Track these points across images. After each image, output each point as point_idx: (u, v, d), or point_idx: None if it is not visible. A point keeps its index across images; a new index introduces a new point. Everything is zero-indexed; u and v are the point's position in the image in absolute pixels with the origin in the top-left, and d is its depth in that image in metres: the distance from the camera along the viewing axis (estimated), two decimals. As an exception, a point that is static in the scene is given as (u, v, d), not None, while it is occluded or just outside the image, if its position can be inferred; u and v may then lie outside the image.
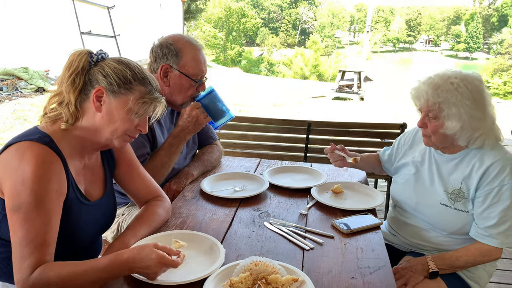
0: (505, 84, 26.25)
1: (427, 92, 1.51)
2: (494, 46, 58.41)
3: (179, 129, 1.80)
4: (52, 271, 1.04)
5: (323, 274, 1.21)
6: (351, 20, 79.08)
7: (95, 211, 1.30)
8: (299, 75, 37.06)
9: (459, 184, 1.57)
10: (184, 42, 1.77)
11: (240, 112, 9.99)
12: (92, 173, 1.33)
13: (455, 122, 1.48)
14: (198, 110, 1.77)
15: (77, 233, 1.25)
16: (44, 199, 1.09)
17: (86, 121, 1.22)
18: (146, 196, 1.48)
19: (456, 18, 71.63)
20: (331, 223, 1.53)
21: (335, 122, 3.05)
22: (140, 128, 1.27)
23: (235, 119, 3.17)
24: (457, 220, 1.57)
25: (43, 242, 1.07)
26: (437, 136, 1.55)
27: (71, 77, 1.18)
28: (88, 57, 1.20)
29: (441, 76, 1.52)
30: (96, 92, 1.19)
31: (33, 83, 8.39)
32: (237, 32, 47.93)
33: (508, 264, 2.92)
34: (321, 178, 1.93)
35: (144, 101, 1.22)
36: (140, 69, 1.25)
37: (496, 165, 1.49)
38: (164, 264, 1.08)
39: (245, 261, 1.18)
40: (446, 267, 1.55)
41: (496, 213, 1.48)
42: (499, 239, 1.49)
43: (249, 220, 1.55)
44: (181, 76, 1.76)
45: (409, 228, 1.74)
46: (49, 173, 1.11)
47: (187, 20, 22.06)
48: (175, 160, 1.82)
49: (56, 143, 1.17)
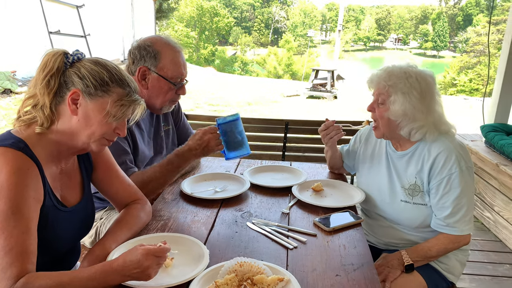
0: (470, 81, 27.14)
1: (381, 75, 1.60)
2: (460, 44, 60.37)
3: (186, 149, 1.67)
4: (37, 281, 1.00)
5: (307, 273, 1.22)
6: (323, 19, 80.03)
7: (73, 217, 1.26)
8: (273, 74, 37.23)
9: (413, 179, 1.63)
10: (162, 44, 1.73)
11: (215, 112, 9.94)
12: (68, 178, 1.28)
13: (398, 107, 1.56)
14: (212, 135, 1.63)
15: (55, 241, 1.21)
16: (21, 207, 1.04)
17: (61, 125, 1.17)
18: (125, 199, 1.45)
19: (423, 17, 73.59)
20: (313, 221, 1.54)
21: (312, 120, 3.09)
22: (119, 132, 1.23)
23: (212, 119, 3.16)
24: (418, 214, 1.63)
25: (23, 251, 1.02)
26: (383, 121, 1.62)
27: (46, 78, 1.13)
28: (63, 58, 1.15)
29: (398, 66, 1.62)
30: (72, 95, 1.14)
31: (-1, 85, 8.08)
32: (210, 31, 47.68)
33: (480, 256, 3.03)
34: (301, 176, 1.94)
35: (122, 103, 1.18)
36: (118, 70, 1.21)
37: (441, 155, 1.56)
38: (152, 253, 1.05)
39: (230, 263, 1.17)
40: (420, 258, 1.59)
41: (449, 202, 1.54)
42: (457, 227, 1.55)
43: (231, 220, 1.55)
44: (159, 79, 1.72)
45: (379, 229, 1.78)
46: (25, 180, 1.07)
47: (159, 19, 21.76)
48: (169, 180, 1.71)
49: (31, 148, 1.12)
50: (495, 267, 2.88)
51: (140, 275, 1.06)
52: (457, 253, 1.71)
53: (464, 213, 1.54)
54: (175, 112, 2.10)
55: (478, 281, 2.71)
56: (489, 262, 2.96)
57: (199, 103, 10.89)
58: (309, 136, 3.11)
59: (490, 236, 3.36)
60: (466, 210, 1.54)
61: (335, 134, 1.85)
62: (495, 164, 3.33)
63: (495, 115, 4.06)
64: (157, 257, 1.07)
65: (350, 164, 1.99)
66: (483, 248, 3.15)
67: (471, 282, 2.69)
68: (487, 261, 2.97)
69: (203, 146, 1.63)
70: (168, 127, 2.03)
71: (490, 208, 3.45)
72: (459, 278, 1.73)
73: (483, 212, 3.57)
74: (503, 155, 3.44)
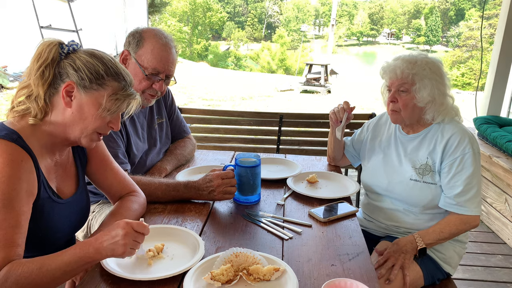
0: (463, 76, 27.29)
1: (402, 65, 1.62)
2: (452, 39, 60.62)
3: (195, 185, 1.57)
4: (20, 268, 0.99)
5: (303, 263, 1.22)
6: (316, 14, 79.93)
7: (68, 209, 1.25)
8: (266, 69, 37.16)
9: (425, 159, 1.66)
10: (151, 33, 1.70)
11: (209, 106, 9.91)
12: (63, 170, 1.27)
13: (426, 94, 1.60)
14: (222, 181, 1.53)
15: (50, 233, 1.20)
16: (13, 200, 1.03)
17: (55, 116, 1.16)
18: (120, 192, 1.44)
19: (416, 12, 73.80)
20: (308, 212, 1.54)
21: (306, 113, 3.08)
22: (112, 125, 1.21)
23: (206, 112, 3.15)
24: (427, 192, 1.65)
25: (10, 243, 1.01)
26: (408, 109, 1.65)
27: (40, 69, 1.11)
28: (58, 48, 1.13)
29: (411, 54, 1.66)
30: (66, 87, 1.12)
31: (-11, 80, 7.99)
32: (203, 26, 47.42)
33: (473, 247, 3.06)
34: (296, 168, 1.94)
35: (117, 97, 1.17)
36: (114, 63, 1.19)
37: (455, 136, 1.61)
38: (130, 226, 1.03)
39: (226, 253, 1.17)
40: (433, 241, 1.60)
41: (461, 181, 1.57)
42: (467, 206, 1.57)
43: (226, 212, 1.54)
44: (135, 65, 1.68)
45: (382, 211, 1.79)
46: (19, 172, 1.05)
47: (152, 14, 21.59)
48: (167, 200, 1.60)
49: (25, 140, 1.11)
50: (487, 258, 2.92)
51: (116, 248, 1.03)
52: (455, 244, 1.72)
53: (474, 193, 1.58)
54: (169, 105, 2.08)
55: (471, 272, 2.73)
56: (482, 253, 2.99)
57: (192, 98, 10.85)
58: (304, 129, 3.11)
59: (483, 227, 3.39)
60: (476, 191, 1.58)
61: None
62: (488, 156, 3.35)
63: (487, 108, 4.09)
64: (135, 231, 1.04)
65: (355, 152, 1.98)
66: (476, 239, 3.18)
67: (464, 272, 2.72)
68: (480, 252, 3.00)
69: (210, 189, 1.54)
70: (162, 120, 2.01)
71: (483, 200, 3.48)
72: (455, 270, 1.74)
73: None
74: (495, 147, 3.47)
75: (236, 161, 1.61)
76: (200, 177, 1.60)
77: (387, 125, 1.86)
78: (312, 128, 3.08)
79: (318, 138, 3.08)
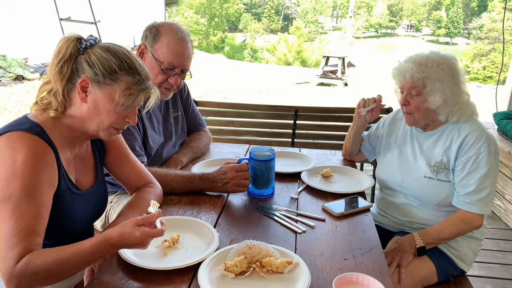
0: (484, 69, 26.67)
1: (412, 68, 1.58)
2: (474, 31, 59.16)
3: (210, 177, 1.60)
4: (39, 258, 1.02)
5: (316, 256, 1.23)
6: (334, 5, 78.87)
7: (87, 200, 1.29)
8: (283, 61, 36.96)
9: (440, 157, 1.65)
10: (167, 28, 1.72)
11: (225, 99, 9.94)
12: (82, 162, 1.31)
13: (437, 96, 1.57)
14: (237, 174, 1.56)
15: (70, 223, 1.24)
16: (34, 191, 1.06)
17: (73, 111, 1.19)
18: (137, 183, 1.47)
19: (437, 3, 72.13)
20: (322, 206, 1.55)
21: (322, 107, 3.07)
22: (129, 120, 1.23)
23: (221, 105, 3.17)
24: (441, 190, 1.64)
25: (31, 233, 1.05)
26: (421, 112, 1.62)
27: (59, 65, 1.14)
28: (77, 44, 1.16)
29: (422, 55, 1.62)
30: (81, 83, 1.15)
31: (11, 71, 8.18)
32: (220, 17, 47.39)
33: (490, 244, 3.02)
34: (311, 162, 1.95)
35: (130, 92, 1.17)
36: (129, 57, 1.19)
37: (472, 134, 1.58)
38: (150, 237, 1.08)
39: (239, 245, 1.19)
40: (432, 240, 1.60)
41: (474, 180, 1.55)
42: (478, 205, 1.56)
43: (240, 205, 1.56)
44: (152, 59, 1.70)
45: (397, 207, 1.79)
46: (41, 164, 1.09)
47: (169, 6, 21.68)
48: (181, 192, 1.63)
49: (47, 133, 1.14)
50: (504, 255, 2.88)
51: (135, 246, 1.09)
52: (470, 241, 1.71)
53: (487, 193, 1.56)
54: (185, 99, 2.10)
55: (487, 269, 2.70)
56: (498, 250, 2.95)
57: (208, 90, 10.89)
58: (319, 123, 3.10)
59: (501, 224, 3.34)
60: (489, 191, 1.56)
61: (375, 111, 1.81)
62: (508, 152, 3.29)
63: (508, 102, 4.00)
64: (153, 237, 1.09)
65: (371, 147, 1.98)
66: (493, 236, 3.14)
67: (480, 269, 2.69)
68: (497, 249, 2.96)
69: (224, 181, 1.57)
70: (178, 113, 2.04)
71: (501, 196, 3.42)
72: (470, 267, 1.73)
73: (494, 201, 3.55)
74: (515, 143, 3.40)
75: (250, 154, 1.62)
76: (215, 170, 1.62)
77: (403, 121, 1.84)
78: (327, 122, 3.07)
79: (333, 132, 3.07)
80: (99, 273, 1.13)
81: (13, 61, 8.33)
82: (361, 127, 1.90)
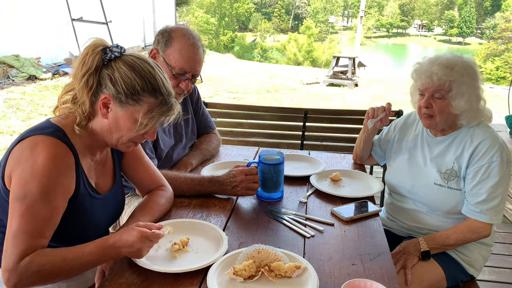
0: (497, 69, 26.31)
1: (439, 71, 1.54)
2: (487, 31, 58.34)
3: (219, 180, 1.61)
4: (41, 257, 1.05)
5: (324, 261, 1.24)
6: (344, 5, 78.44)
7: (106, 204, 1.32)
8: (293, 61, 36.87)
9: (451, 164, 1.63)
10: (179, 33, 1.74)
11: (234, 99, 9.95)
12: (102, 166, 1.33)
13: (462, 101, 1.55)
14: (246, 177, 1.57)
15: (90, 227, 1.27)
16: (50, 193, 1.09)
17: (95, 124, 1.21)
18: (149, 186, 1.49)
19: (449, 3, 71.31)
20: (331, 210, 1.55)
21: (331, 109, 3.08)
22: (148, 137, 1.24)
23: (230, 107, 3.18)
24: (451, 198, 1.62)
25: (39, 234, 1.07)
26: (443, 115, 1.59)
27: (84, 77, 1.14)
28: (101, 54, 1.15)
29: (448, 58, 1.57)
30: (103, 99, 1.16)
31: (24, 71, 8.28)
32: (230, 17, 47.42)
33: (501, 248, 2.99)
34: (320, 166, 1.95)
35: (152, 115, 1.18)
36: (153, 77, 1.17)
37: (485, 142, 1.56)
38: (145, 237, 1.10)
39: (248, 249, 1.20)
40: (437, 245, 1.59)
41: (485, 189, 1.54)
42: (488, 215, 1.54)
43: (249, 208, 1.57)
44: (163, 64, 1.72)
45: (405, 212, 1.78)
46: (61, 167, 1.11)
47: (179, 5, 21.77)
48: (191, 194, 1.64)
49: (69, 137, 1.17)
50: (516, 260, 2.84)
51: (133, 254, 1.13)
52: (480, 247, 1.70)
53: (497, 203, 1.54)
54: (195, 101, 2.12)
55: (498, 274, 2.68)
56: (509, 254, 2.91)
57: (218, 90, 10.91)
58: (328, 125, 3.10)
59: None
60: (499, 201, 1.54)
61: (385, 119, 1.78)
62: (519, 156, 3.24)
63: (521, 105, 3.95)
64: (150, 240, 1.12)
65: (381, 151, 1.96)
66: (504, 241, 3.10)
67: (490, 274, 2.67)
68: (507, 253, 2.93)
69: (233, 185, 1.58)
70: (188, 116, 2.06)
71: (513, 200, 3.38)
72: (480, 272, 1.72)
73: (505, 204, 3.50)
74: (528, 146, 3.35)
75: (259, 158, 1.63)
76: (224, 172, 1.63)
77: (415, 125, 1.82)
78: (337, 124, 3.07)
79: (344, 134, 3.07)
80: (109, 275, 1.15)
81: (26, 61, 8.44)
82: (372, 134, 1.89)
